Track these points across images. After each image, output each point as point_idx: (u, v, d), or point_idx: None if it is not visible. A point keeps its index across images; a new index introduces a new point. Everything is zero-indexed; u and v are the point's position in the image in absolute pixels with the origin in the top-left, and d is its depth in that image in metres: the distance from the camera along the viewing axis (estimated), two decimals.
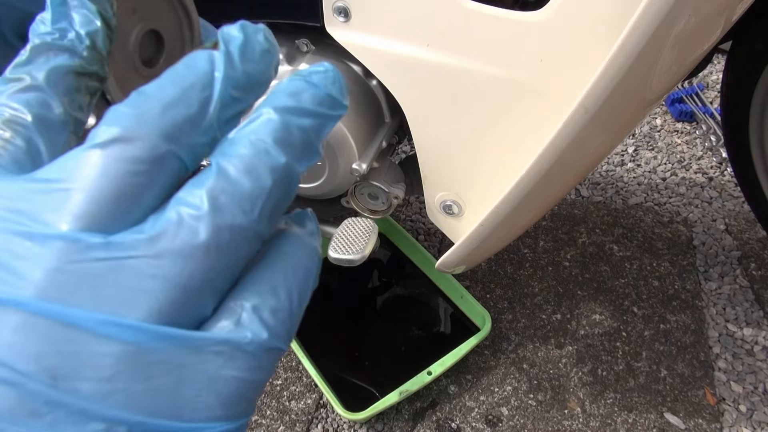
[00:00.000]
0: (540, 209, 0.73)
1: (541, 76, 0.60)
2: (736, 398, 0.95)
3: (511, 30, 0.59)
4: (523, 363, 1.02)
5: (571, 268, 1.17)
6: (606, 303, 1.10)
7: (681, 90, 1.57)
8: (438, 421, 0.94)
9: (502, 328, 1.07)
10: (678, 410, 0.93)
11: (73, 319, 0.15)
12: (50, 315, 0.15)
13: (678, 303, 1.09)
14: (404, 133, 0.89)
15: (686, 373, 0.98)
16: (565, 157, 0.60)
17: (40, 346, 0.14)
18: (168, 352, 0.15)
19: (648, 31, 0.50)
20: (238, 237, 0.16)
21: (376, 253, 1.15)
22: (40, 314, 0.15)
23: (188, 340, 0.16)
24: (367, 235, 0.48)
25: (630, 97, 0.57)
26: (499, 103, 0.64)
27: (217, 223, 0.16)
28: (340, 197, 0.91)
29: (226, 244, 0.16)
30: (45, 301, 0.15)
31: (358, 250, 0.52)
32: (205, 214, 0.16)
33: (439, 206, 0.77)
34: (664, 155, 1.43)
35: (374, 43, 0.66)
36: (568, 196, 1.33)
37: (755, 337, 1.03)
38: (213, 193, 0.16)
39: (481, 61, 0.62)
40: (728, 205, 1.28)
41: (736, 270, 1.14)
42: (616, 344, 1.03)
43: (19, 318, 0.14)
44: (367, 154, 0.79)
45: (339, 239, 0.56)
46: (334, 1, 0.66)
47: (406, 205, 1.35)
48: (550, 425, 0.93)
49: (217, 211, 0.16)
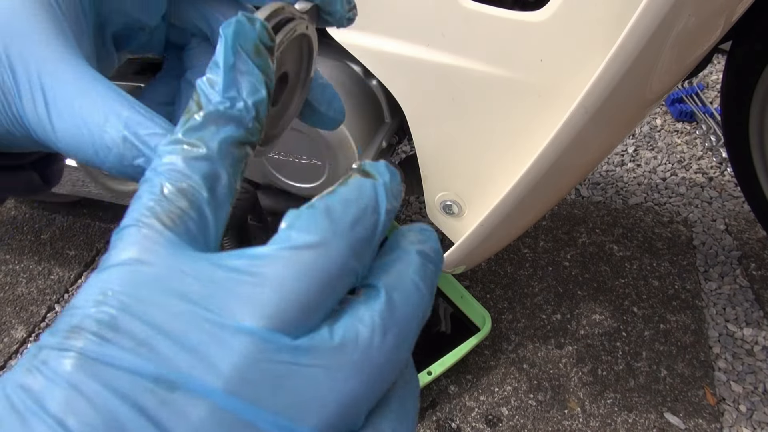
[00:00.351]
0: (540, 209, 0.73)
1: (541, 76, 0.60)
2: (736, 398, 0.95)
3: (511, 30, 0.59)
4: (523, 363, 1.02)
5: (571, 268, 1.17)
6: (606, 303, 1.10)
7: (681, 90, 1.57)
8: (438, 421, 0.94)
9: (502, 328, 1.07)
10: (678, 410, 0.94)
11: (255, 418, 0.15)
12: (235, 410, 0.15)
13: (678, 303, 1.09)
14: (404, 133, 0.89)
15: (686, 373, 0.98)
16: (565, 157, 0.60)
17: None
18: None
19: (648, 31, 0.50)
20: (395, 363, 0.17)
21: None
22: (227, 408, 0.15)
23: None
24: None
25: (630, 97, 0.57)
26: (499, 103, 0.64)
27: (387, 347, 0.17)
28: None
29: (390, 367, 0.17)
30: (231, 396, 0.15)
31: None
32: (379, 336, 0.17)
33: (439, 206, 0.77)
34: (664, 155, 1.43)
35: (374, 43, 0.66)
36: (568, 196, 1.33)
37: (755, 337, 1.03)
38: (384, 316, 0.17)
39: (481, 61, 0.62)
40: (728, 205, 1.28)
41: (736, 270, 1.14)
42: (616, 344, 1.03)
43: (206, 408, 0.15)
44: (367, 154, 0.79)
45: None
46: None
47: (406, 205, 1.35)
48: (550, 425, 0.93)
49: (387, 335, 0.17)
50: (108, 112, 0.21)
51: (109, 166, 0.21)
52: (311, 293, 0.16)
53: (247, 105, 0.19)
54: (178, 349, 0.15)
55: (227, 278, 0.16)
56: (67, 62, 0.22)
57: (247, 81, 0.20)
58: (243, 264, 0.16)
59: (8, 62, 0.22)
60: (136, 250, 0.17)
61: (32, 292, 1.25)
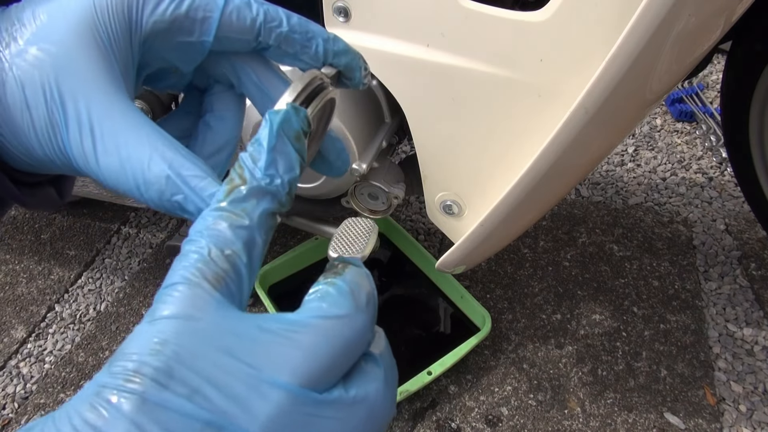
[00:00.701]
0: (540, 209, 0.73)
1: (541, 76, 0.60)
2: (736, 398, 0.95)
3: (511, 30, 0.59)
4: (523, 363, 1.02)
5: (571, 268, 1.17)
6: (606, 303, 1.10)
7: (681, 90, 1.57)
8: (438, 421, 0.95)
9: (502, 328, 1.07)
10: (678, 410, 0.94)
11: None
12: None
13: (678, 303, 1.09)
14: (404, 133, 0.89)
15: (686, 373, 0.98)
16: (565, 157, 0.60)
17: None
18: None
19: (648, 31, 0.50)
20: (391, 414, 0.22)
21: (376, 253, 1.15)
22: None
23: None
24: (367, 235, 0.47)
25: (630, 97, 0.57)
26: (499, 103, 0.64)
27: (388, 402, 0.21)
28: (340, 197, 0.91)
29: (389, 417, 0.22)
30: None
31: (358, 250, 0.52)
32: (381, 395, 0.21)
33: (439, 206, 0.77)
34: (664, 155, 1.43)
35: (374, 43, 0.66)
36: (568, 196, 1.33)
37: (755, 337, 1.03)
38: (386, 379, 0.22)
39: (481, 61, 0.62)
40: (728, 205, 1.28)
41: (736, 270, 1.14)
42: (616, 344, 1.03)
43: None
44: (367, 154, 0.79)
45: (339, 239, 0.56)
46: (334, 1, 0.66)
47: (406, 205, 1.35)
48: (550, 425, 0.93)
49: (387, 393, 0.21)
50: (152, 151, 0.23)
51: (146, 199, 0.24)
52: (336, 357, 0.20)
53: (284, 182, 0.22)
54: (224, 398, 0.18)
55: (267, 340, 0.19)
56: (115, 101, 0.24)
57: (284, 160, 0.22)
58: (281, 328, 0.19)
59: (59, 97, 0.24)
60: (188, 307, 0.19)
61: (32, 292, 1.25)
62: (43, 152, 0.24)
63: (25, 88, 0.23)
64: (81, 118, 0.23)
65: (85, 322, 1.18)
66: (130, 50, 0.26)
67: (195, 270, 0.20)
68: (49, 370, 1.09)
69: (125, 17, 0.25)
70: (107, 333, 1.14)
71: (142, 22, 0.25)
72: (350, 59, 0.29)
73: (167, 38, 0.26)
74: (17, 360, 1.12)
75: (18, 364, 1.11)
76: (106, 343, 1.12)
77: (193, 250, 0.20)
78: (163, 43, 0.27)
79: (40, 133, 0.24)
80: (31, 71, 0.23)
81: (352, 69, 0.29)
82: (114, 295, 1.22)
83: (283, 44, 0.27)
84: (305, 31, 0.28)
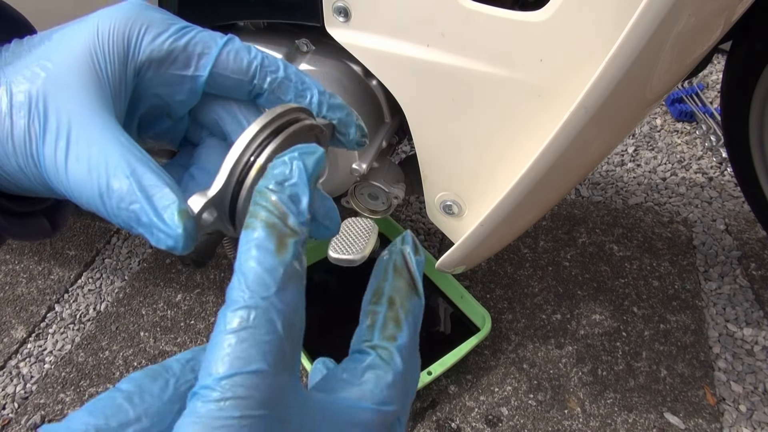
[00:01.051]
0: (540, 209, 0.73)
1: (541, 76, 0.60)
2: (736, 398, 0.95)
3: (511, 30, 0.59)
4: (523, 363, 1.02)
5: (571, 268, 1.17)
6: (606, 303, 1.10)
7: (681, 90, 1.57)
8: (438, 421, 0.95)
9: (502, 328, 1.07)
10: (678, 410, 0.94)
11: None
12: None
13: (678, 303, 1.09)
14: (404, 133, 0.89)
15: (686, 373, 0.98)
16: (565, 157, 0.60)
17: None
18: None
19: (648, 31, 0.50)
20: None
21: (376, 253, 1.15)
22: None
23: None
24: (367, 235, 0.48)
25: (630, 97, 0.57)
26: (499, 103, 0.64)
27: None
28: (340, 197, 0.91)
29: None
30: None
31: (358, 250, 0.52)
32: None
33: (439, 206, 0.77)
34: (664, 155, 1.43)
35: (374, 43, 0.66)
36: (568, 196, 1.33)
37: (755, 337, 1.03)
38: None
39: (481, 61, 0.62)
40: (728, 205, 1.28)
41: (736, 270, 1.14)
42: (616, 344, 1.03)
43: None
44: (367, 154, 0.79)
45: (339, 239, 0.56)
46: (334, 1, 0.66)
47: (406, 205, 1.35)
48: (550, 425, 0.93)
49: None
50: (121, 159, 0.23)
51: (108, 208, 0.23)
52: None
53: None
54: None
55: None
56: (98, 115, 0.24)
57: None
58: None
59: (43, 108, 0.24)
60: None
61: (32, 292, 1.25)
62: (17, 162, 0.24)
63: (12, 96, 0.24)
64: (60, 128, 0.24)
65: (85, 322, 1.18)
66: (124, 76, 0.26)
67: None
68: (49, 370, 1.09)
69: (124, 43, 0.26)
70: (107, 333, 1.14)
71: (140, 49, 0.26)
72: (345, 115, 0.29)
73: (162, 69, 0.27)
74: (17, 360, 1.12)
75: (18, 364, 1.11)
76: (106, 343, 1.12)
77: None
78: (157, 74, 0.27)
79: (17, 141, 0.24)
80: (23, 83, 0.24)
81: (347, 125, 0.29)
82: (114, 295, 1.22)
83: (278, 90, 0.28)
84: (301, 80, 0.28)
